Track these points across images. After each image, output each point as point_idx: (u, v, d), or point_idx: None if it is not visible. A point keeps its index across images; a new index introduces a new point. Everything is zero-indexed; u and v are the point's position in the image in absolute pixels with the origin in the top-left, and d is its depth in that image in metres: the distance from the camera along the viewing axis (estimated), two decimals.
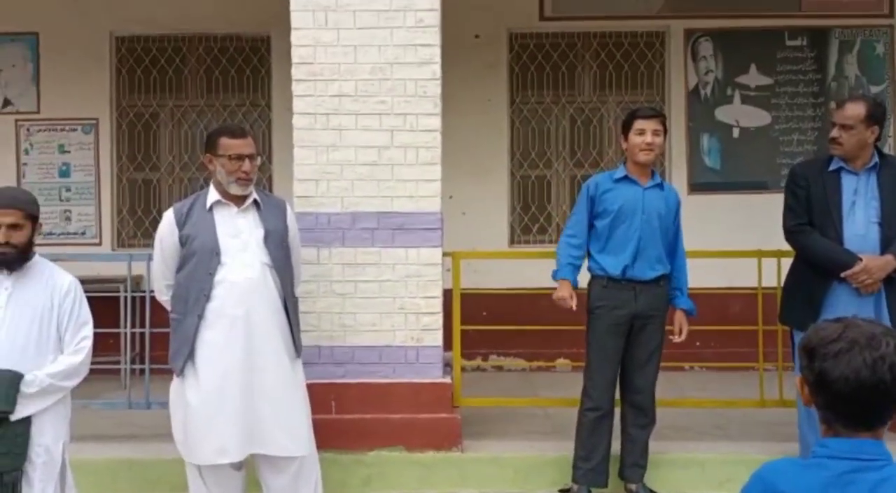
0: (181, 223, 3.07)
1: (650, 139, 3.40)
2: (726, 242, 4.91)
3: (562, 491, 3.65)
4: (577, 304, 3.51)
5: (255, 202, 3.13)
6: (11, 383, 2.50)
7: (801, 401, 1.37)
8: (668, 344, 3.56)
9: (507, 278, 5.31)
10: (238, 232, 3.06)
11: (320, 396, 3.61)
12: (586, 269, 3.57)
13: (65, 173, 6.20)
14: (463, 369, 4.21)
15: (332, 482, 3.50)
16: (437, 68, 3.83)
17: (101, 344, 3.13)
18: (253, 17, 5.92)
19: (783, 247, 3.68)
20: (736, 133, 6.20)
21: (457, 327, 4.08)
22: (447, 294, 3.98)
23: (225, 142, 3.08)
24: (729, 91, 6.20)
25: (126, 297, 4.25)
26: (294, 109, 3.85)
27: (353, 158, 3.82)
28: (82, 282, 2.78)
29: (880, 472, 1.28)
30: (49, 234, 6.09)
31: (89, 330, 2.67)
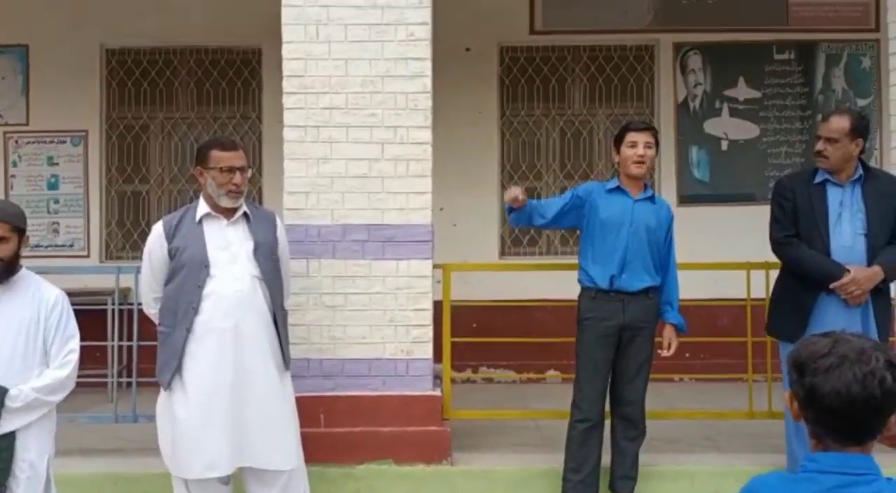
0: (170, 236, 3.05)
1: (642, 151, 3.43)
2: (715, 253, 4.93)
3: None
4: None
5: (244, 215, 3.12)
6: None
7: (790, 414, 1.37)
8: (657, 356, 3.56)
9: (497, 289, 5.31)
10: (227, 244, 3.05)
11: (309, 409, 3.59)
12: (576, 281, 3.58)
13: (53, 185, 6.17)
14: (453, 381, 4.20)
15: None
16: (427, 81, 3.84)
17: (89, 357, 3.10)
18: (244, 30, 5.93)
19: (771, 259, 3.70)
20: (724, 146, 6.25)
21: (447, 339, 4.07)
22: (437, 306, 3.98)
23: (216, 154, 3.07)
24: (717, 104, 6.25)
25: (114, 309, 4.22)
26: (285, 121, 3.85)
27: (344, 171, 3.82)
28: (70, 294, 2.76)
29: (870, 486, 1.29)
30: (37, 246, 6.06)
31: (76, 344, 2.65)
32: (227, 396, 2.96)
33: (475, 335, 4.93)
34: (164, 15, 6.03)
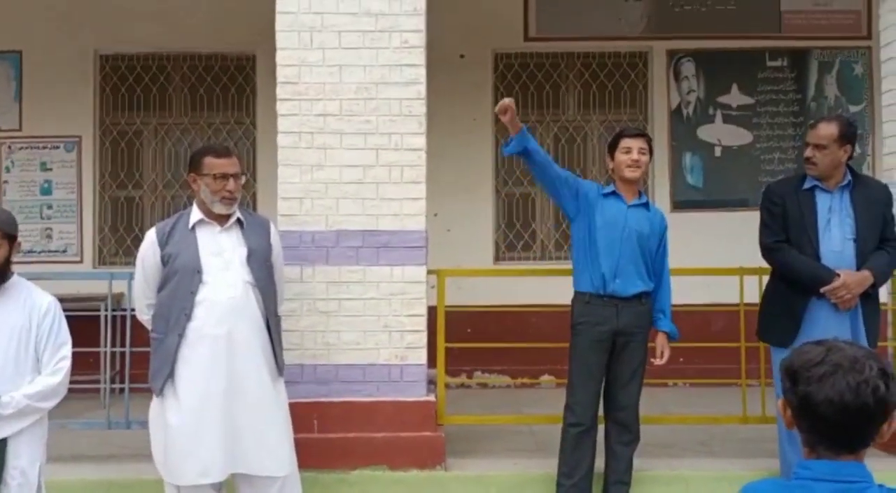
0: (163, 243, 3.05)
1: (636, 156, 3.44)
2: (709, 258, 4.95)
3: None
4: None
5: (238, 221, 3.12)
6: None
7: (783, 422, 1.38)
8: (649, 362, 3.57)
9: (491, 294, 5.31)
10: (221, 251, 3.05)
11: (303, 415, 3.58)
12: (571, 285, 3.58)
13: (46, 191, 6.16)
14: (447, 387, 4.20)
15: None
16: (422, 88, 3.85)
17: (81, 363, 3.09)
18: (238, 36, 5.94)
19: (764, 264, 3.71)
20: (718, 152, 6.28)
21: (441, 344, 4.07)
22: (432, 311, 3.98)
23: (209, 161, 3.07)
24: (711, 111, 6.28)
25: (107, 315, 4.20)
26: (279, 127, 3.85)
27: (338, 177, 3.82)
28: (63, 300, 2.75)
29: None
30: (30, 252, 6.04)
31: (68, 351, 2.64)
32: (219, 402, 2.95)
33: (469, 341, 4.93)
34: (158, 21, 6.03)
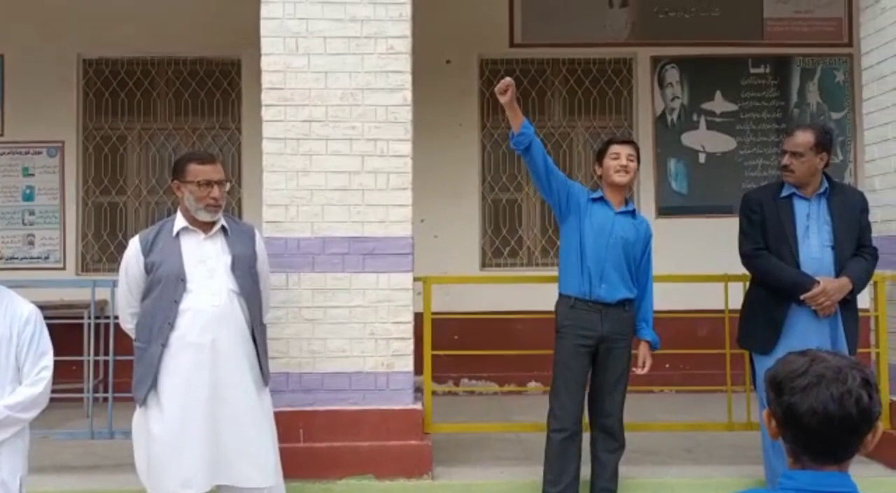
0: (147, 251, 3.02)
1: (625, 162, 3.46)
2: (693, 264, 4.97)
3: None
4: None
5: (222, 228, 3.09)
6: None
7: (768, 433, 1.38)
8: (633, 370, 3.57)
9: (478, 301, 5.31)
10: (205, 259, 3.02)
11: (288, 424, 3.56)
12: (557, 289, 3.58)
13: (29, 197, 6.09)
14: (434, 394, 4.19)
15: None
16: (407, 94, 3.84)
17: (64, 371, 3.05)
18: (223, 41, 5.91)
19: None
20: (702, 158, 6.32)
21: (428, 351, 4.05)
22: (418, 318, 3.96)
23: (193, 168, 3.04)
24: (695, 117, 6.32)
25: (90, 323, 4.16)
26: (264, 133, 3.83)
27: (324, 183, 3.81)
28: (45, 307, 2.71)
29: None
30: (11, 258, 5.98)
31: (49, 360, 2.60)
32: (203, 412, 2.92)
33: (456, 348, 4.92)
34: (142, 25, 5.99)
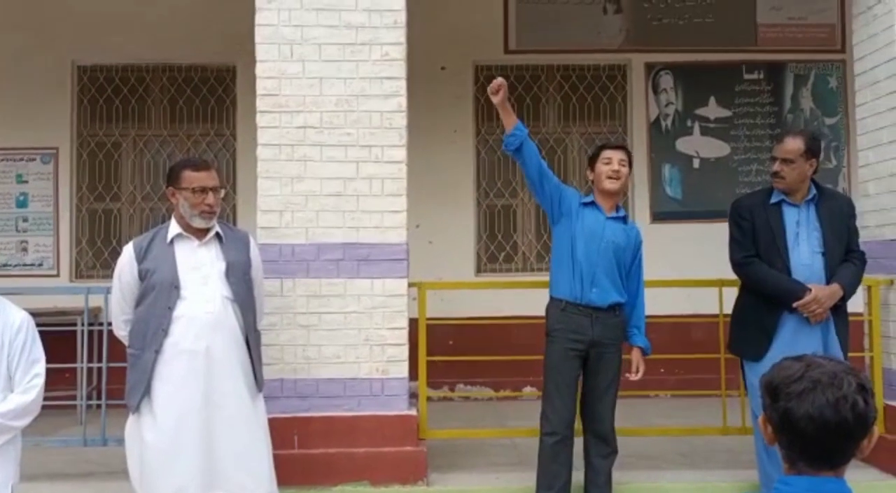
0: (140, 257, 3.01)
1: (616, 167, 3.47)
2: (688, 269, 4.98)
3: None
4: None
5: (217, 235, 3.09)
6: None
7: (764, 439, 1.38)
8: (625, 376, 3.57)
9: (473, 307, 5.31)
10: (199, 265, 3.01)
11: (283, 430, 3.55)
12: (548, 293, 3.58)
13: (22, 204, 6.08)
14: (429, 399, 4.18)
15: None
16: (402, 101, 3.85)
17: (57, 378, 3.04)
18: (218, 48, 5.91)
19: None
20: (696, 164, 6.34)
21: (423, 357, 4.05)
22: (413, 324, 3.96)
23: (188, 175, 3.04)
24: (689, 123, 6.35)
25: (83, 330, 4.14)
26: (259, 140, 3.83)
27: (318, 190, 3.81)
28: (39, 314, 2.70)
29: None
30: (5, 265, 5.96)
31: (41, 368, 2.58)
32: (196, 419, 2.91)
33: (451, 353, 4.91)
34: (137, 32, 5.99)
